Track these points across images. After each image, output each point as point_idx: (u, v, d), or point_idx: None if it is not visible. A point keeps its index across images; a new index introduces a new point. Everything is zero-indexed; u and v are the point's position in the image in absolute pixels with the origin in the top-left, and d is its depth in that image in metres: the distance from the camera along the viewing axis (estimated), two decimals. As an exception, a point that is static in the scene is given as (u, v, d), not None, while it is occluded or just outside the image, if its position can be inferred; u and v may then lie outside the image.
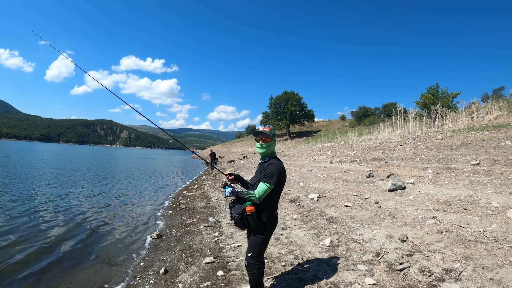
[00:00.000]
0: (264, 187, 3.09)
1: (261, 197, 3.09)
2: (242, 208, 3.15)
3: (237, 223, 3.26)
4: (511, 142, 8.22)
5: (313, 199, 8.06)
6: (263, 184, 3.12)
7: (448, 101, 23.93)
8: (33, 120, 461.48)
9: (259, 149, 3.34)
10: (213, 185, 15.03)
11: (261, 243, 3.24)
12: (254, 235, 3.26)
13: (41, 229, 7.38)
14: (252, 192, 3.14)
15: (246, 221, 3.16)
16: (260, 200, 3.11)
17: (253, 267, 3.27)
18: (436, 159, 8.70)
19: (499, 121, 12.96)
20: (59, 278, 4.98)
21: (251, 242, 3.29)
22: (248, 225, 3.18)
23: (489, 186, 5.74)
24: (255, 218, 3.12)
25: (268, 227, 3.26)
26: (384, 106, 56.73)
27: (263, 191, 3.09)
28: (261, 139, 3.31)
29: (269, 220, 3.22)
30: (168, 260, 5.53)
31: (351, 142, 18.38)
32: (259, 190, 3.12)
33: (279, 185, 3.23)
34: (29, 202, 10.11)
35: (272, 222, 3.29)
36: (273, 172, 3.14)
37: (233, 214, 3.28)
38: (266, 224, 3.22)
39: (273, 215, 3.30)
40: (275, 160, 3.30)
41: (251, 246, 3.29)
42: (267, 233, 3.28)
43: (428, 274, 3.50)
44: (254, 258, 3.26)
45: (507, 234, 3.94)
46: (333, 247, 4.90)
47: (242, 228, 3.28)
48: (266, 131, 3.31)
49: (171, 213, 9.49)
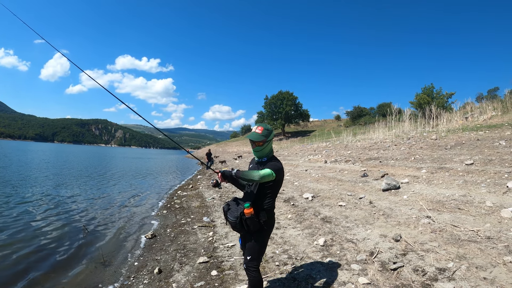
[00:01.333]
0: (269, 171, 2.91)
1: (262, 176, 2.87)
2: (240, 211, 2.99)
3: (236, 227, 3.10)
4: (505, 142, 8.27)
5: (308, 199, 8.06)
6: (267, 169, 2.94)
7: (443, 101, 24.08)
8: (27, 120, 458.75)
9: (254, 152, 3.20)
10: (208, 185, 14.99)
11: (261, 246, 3.12)
12: (253, 238, 3.10)
13: (34, 229, 7.29)
14: (253, 171, 2.94)
15: (246, 224, 2.99)
16: (260, 179, 2.88)
17: (252, 271, 3.11)
18: (430, 159, 8.73)
19: (493, 121, 13.05)
20: (53, 279, 4.91)
21: (250, 245, 3.12)
22: (247, 229, 3.01)
23: (483, 186, 5.76)
24: (255, 220, 2.97)
25: (267, 227, 3.11)
26: (379, 106, 57.01)
27: (266, 173, 2.89)
28: (253, 143, 3.15)
29: (268, 219, 3.08)
30: (162, 260, 5.49)
31: (346, 142, 18.44)
32: (263, 171, 2.92)
33: (278, 182, 3.07)
34: (22, 202, 10.00)
35: (271, 221, 3.15)
36: (274, 167, 2.97)
37: (229, 218, 3.12)
38: (265, 224, 3.06)
39: (271, 215, 3.15)
40: (274, 159, 3.15)
41: (250, 249, 3.12)
42: (266, 233, 3.15)
43: (421, 273, 3.50)
44: (253, 261, 3.10)
45: (501, 234, 3.95)
46: (327, 246, 4.89)
47: (241, 231, 3.15)
48: (258, 132, 3.10)
49: (165, 213, 9.44)
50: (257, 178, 2.87)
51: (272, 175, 2.92)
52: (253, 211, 2.95)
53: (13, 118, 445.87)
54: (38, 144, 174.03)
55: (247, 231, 3.06)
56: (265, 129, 3.12)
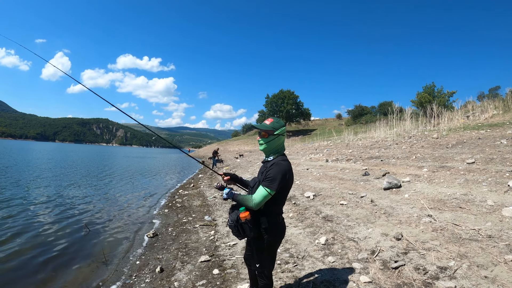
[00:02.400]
0: (264, 192, 2.61)
1: (259, 203, 2.62)
2: (237, 215, 2.72)
3: (233, 231, 2.84)
4: (506, 141, 8.26)
5: (309, 198, 8.07)
6: (262, 188, 2.64)
7: (444, 100, 24.03)
8: (28, 119, 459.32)
9: (259, 145, 2.90)
10: (209, 184, 15.01)
11: (264, 254, 2.86)
12: (254, 245, 2.89)
13: (36, 228, 7.31)
14: (249, 197, 2.70)
15: (241, 229, 2.74)
16: (258, 207, 2.64)
17: (263, 277, 2.94)
18: (431, 158, 8.73)
19: (494, 120, 13.03)
20: (55, 278, 4.93)
21: (254, 251, 2.91)
22: (243, 234, 2.76)
23: (484, 185, 5.76)
24: (250, 226, 2.68)
25: (269, 235, 2.78)
26: (380, 105, 56.99)
27: (261, 197, 2.61)
28: (259, 134, 2.88)
29: (270, 225, 2.74)
30: (164, 258, 5.50)
31: (347, 141, 18.43)
32: (257, 195, 2.64)
33: (283, 189, 2.74)
34: (23, 201, 10.03)
35: (274, 229, 2.80)
36: (275, 175, 2.63)
37: (229, 221, 2.85)
38: (266, 232, 2.76)
39: (276, 220, 2.81)
40: (281, 160, 2.79)
41: (256, 256, 2.91)
42: (270, 242, 2.82)
43: (423, 272, 3.51)
44: (263, 268, 2.91)
45: (502, 233, 3.95)
46: (329, 245, 4.90)
47: (239, 237, 2.84)
48: (265, 124, 2.86)
49: (167, 211, 9.46)
50: (252, 205, 2.65)
51: (269, 194, 2.62)
52: (248, 215, 2.68)
53: (14, 117, 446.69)
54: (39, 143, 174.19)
55: (243, 237, 2.82)
56: (275, 121, 2.87)
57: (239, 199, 2.74)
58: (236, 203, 2.82)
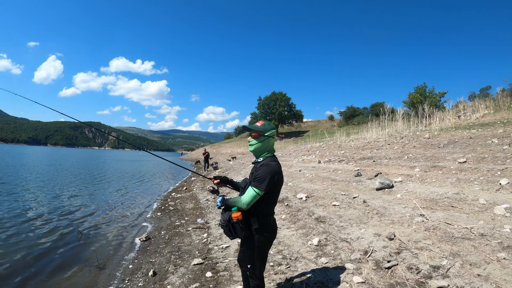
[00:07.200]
0: (252, 193, 2.69)
1: (248, 203, 2.69)
2: (230, 215, 2.77)
3: (225, 231, 2.88)
4: (497, 140, 8.33)
5: (302, 199, 8.05)
6: (251, 189, 2.71)
7: (436, 100, 24.26)
8: (20, 123, 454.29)
9: (249, 146, 2.95)
10: (202, 187, 14.94)
11: (254, 253, 2.88)
12: (245, 245, 2.92)
13: (27, 232, 7.22)
14: (238, 198, 2.78)
15: (233, 229, 2.78)
16: (248, 207, 2.71)
17: (255, 278, 2.97)
18: (423, 158, 8.77)
19: (486, 119, 13.14)
20: (47, 283, 4.88)
21: (247, 252, 2.93)
22: (235, 234, 2.81)
23: (476, 184, 5.79)
24: (241, 226, 2.74)
25: (260, 236, 2.82)
26: (372, 106, 57.30)
27: (250, 197, 2.69)
28: (250, 135, 2.93)
29: (261, 226, 2.80)
30: (157, 262, 5.46)
31: (340, 142, 18.47)
32: (246, 195, 2.72)
33: (272, 190, 2.79)
34: (15, 205, 9.90)
35: (265, 229, 2.83)
36: (264, 175, 2.70)
37: (221, 220, 2.89)
38: (257, 232, 2.81)
39: (267, 221, 2.85)
40: (270, 161, 2.85)
41: (247, 256, 2.94)
42: (261, 242, 2.85)
43: (416, 271, 3.51)
44: (253, 269, 2.94)
45: (494, 231, 3.97)
46: (321, 246, 4.89)
47: (231, 237, 2.89)
48: (256, 125, 2.93)
49: (159, 215, 9.40)
50: (245, 207, 2.73)
51: (258, 194, 2.69)
52: (240, 215, 2.74)
53: (5, 121, 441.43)
54: (31, 147, 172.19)
55: (234, 237, 2.87)
56: (266, 124, 2.95)
57: (229, 202, 2.81)
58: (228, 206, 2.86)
